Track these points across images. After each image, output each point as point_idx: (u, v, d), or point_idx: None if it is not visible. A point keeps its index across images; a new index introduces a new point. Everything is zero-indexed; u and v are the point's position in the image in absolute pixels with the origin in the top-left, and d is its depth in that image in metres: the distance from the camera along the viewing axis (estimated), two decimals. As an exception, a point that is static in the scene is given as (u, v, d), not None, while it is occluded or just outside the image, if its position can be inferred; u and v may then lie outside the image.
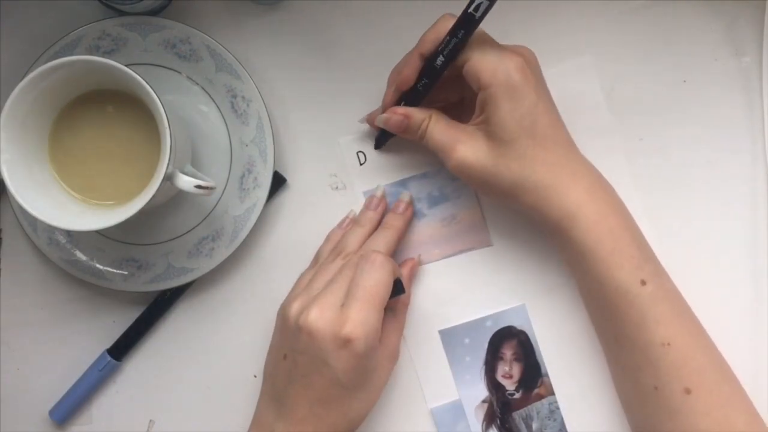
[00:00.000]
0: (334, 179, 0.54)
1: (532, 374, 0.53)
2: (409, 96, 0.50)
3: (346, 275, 0.47)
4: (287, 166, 0.54)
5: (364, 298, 0.45)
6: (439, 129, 0.48)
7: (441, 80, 0.48)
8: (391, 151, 0.54)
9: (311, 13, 0.54)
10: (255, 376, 0.54)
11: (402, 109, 0.49)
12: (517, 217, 0.53)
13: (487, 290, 0.53)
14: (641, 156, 0.53)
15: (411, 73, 0.48)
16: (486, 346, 0.53)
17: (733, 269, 0.52)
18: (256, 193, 0.52)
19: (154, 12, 0.53)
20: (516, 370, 0.53)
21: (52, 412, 0.53)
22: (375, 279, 0.45)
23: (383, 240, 0.51)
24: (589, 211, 0.46)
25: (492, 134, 0.46)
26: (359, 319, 0.44)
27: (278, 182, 0.53)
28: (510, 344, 0.53)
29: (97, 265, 0.53)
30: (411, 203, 0.53)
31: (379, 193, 0.53)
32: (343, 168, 0.54)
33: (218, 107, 0.53)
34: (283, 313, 0.48)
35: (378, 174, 0.54)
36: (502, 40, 0.48)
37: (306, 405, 0.45)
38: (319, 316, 0.44)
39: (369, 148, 0.54)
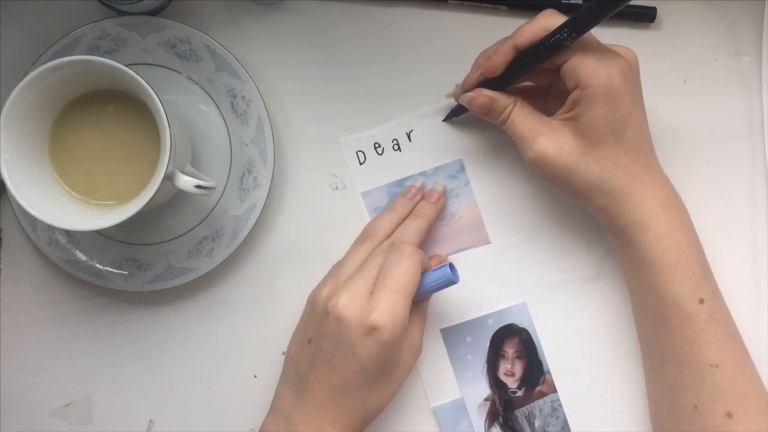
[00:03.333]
0: (334, 179, 0.54)
1: (534, 372, 0.53)
2: (495, 81, 0.49)
3: (376, 263, 0.47)
4: (287, 166, 0.54)
5: (393, 287, 0.45)
6: (522, 117, 0.47)
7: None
8: (391, 150, 0.54)
9: (311, 13, 0.54)
10: (255, 376, 0.54)
11: (488, 92, 0.48)
12: (515, 216, 0.54)
13: (487, 288, 0.53)
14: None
15: (501, 63, 0.47)
16: (488, 344, 0.53)
17: (733, 269, 0.52)
18: (256, 193, 0.52)
19: (154, 12, 0.53)
20: (518, 368, 0.53)
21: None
22: (404, 269, 0.45)
23: (413, 228, 0.50)
24: (660, 222, 0.46)
25: (579, 132, 0.46)
26: (387, 307, 0.44)
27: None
28: (512, 342, 0.53)
29: (97, 265, 0.52)
30: (444, 193, 0.53)
31: (418, 184, 0.53)
32: (343, 168, 0.54)
33: (218, 107, 0.53)
34: (312, 298, 0.48)
35: (378, 173, 0.54)
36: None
37: (326, 390, 0.45)
38: (348, 303, 0.44)
39: (369, 148, 0.54)
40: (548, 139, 0.46)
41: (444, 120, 0.54)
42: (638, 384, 0.52)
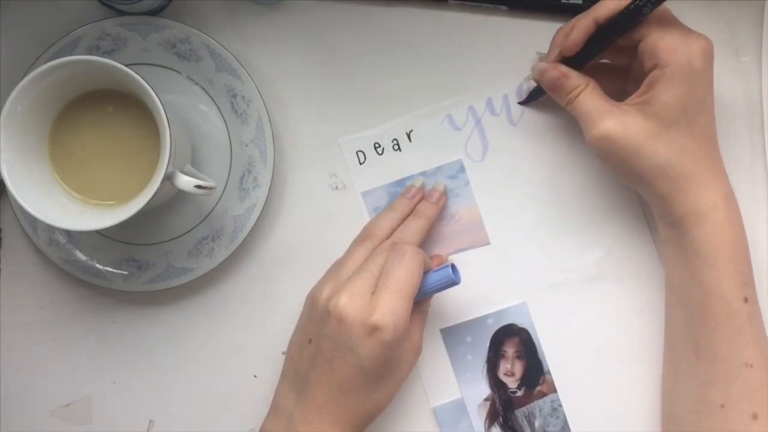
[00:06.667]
0: (334, 179, 0.54)
1: (534, 372, 0.53)
2: (571, 60, 0.48)
3: (377, 263, 0.47)
4: (287, 166, 0.54)
5: (395, 287, 0.45)
6: (592, 97, 0.47)
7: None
8: (391, 150, 0.54)
9: (311, 13, 0.54)
10: (255, 376, 0.54)
11: (563, 67, 0.48)
12: (515, 216, 0.53)
13: (487, 288, 0.53)
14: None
15: (581, 39, 0.47)
16: (488, 344, 0.53)
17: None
18: (256, 193, 0.52)
19: (154, 12, 0.53)
20: (518, 368, 0.53)
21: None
22: (406, 269, 0.45)
23: (414, 227, 0.50)
24: (719, 216, 0.45)
25: (650, 114, 0.45)
26: (389, 307, 0.44)
27: None
28: (512, 342, 0.53)
29: (97, 265, 0.52)
30: (445, 193, 0.53)
31: (418, 184, 0.53)
32: (343, 168, 0.54)
33: (218, 107, 0.53)
34: (313, 297, 0.48)
35: (377, 173, 0.54)
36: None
37: (327, 391, 0.45)
38: (349, 302, 0.44)
39: (369, 148, 0.54)
40: (616, 118, 0.45)
41: (520, 103, 0.53)
42: (638, 384, 0.52)
